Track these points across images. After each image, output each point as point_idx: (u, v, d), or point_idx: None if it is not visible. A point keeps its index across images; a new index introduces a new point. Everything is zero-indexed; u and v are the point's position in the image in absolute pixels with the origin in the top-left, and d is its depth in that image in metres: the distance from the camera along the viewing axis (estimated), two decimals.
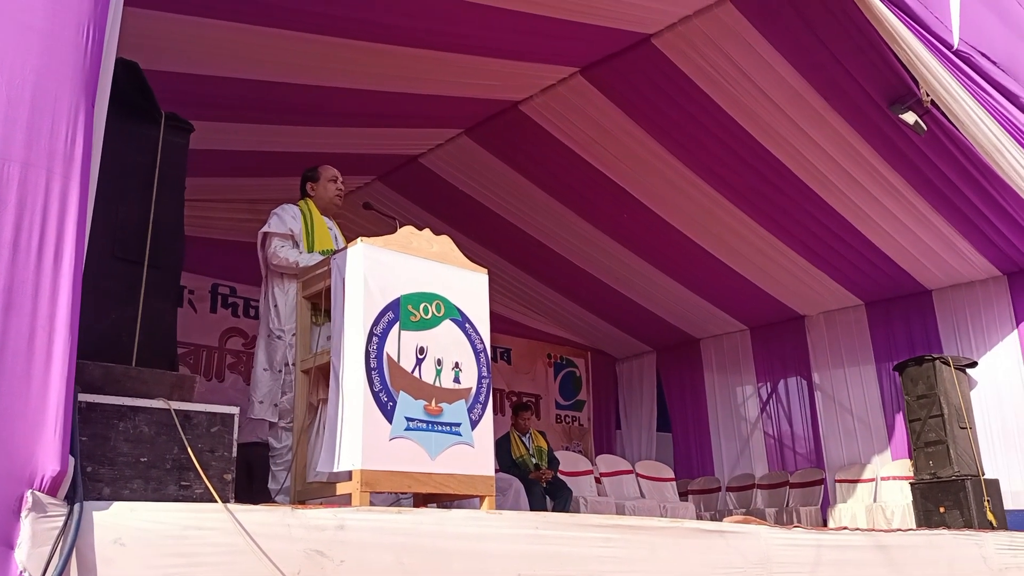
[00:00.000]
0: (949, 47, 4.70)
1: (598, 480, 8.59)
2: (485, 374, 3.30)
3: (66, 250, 1.93)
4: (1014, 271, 7.91)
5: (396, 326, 3.06)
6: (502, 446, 7.03)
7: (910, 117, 5.75)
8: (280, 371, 4.30)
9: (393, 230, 3.35)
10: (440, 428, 3.08)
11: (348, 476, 2.88)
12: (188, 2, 4.45)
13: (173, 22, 4.53)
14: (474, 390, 3.24)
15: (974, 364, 7.80)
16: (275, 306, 4.39)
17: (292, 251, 4.33)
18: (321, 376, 3.44)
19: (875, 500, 8.20)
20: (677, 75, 5.89)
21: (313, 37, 4.98)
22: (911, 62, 4.65)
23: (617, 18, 5.32)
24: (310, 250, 4.33)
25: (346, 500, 2.85)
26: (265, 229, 4.41)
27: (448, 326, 3.24)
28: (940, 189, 6.67)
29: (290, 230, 4.38)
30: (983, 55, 4.85)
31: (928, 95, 5.15)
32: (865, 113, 6.03)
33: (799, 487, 8.82)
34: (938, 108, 5.16)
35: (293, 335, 4.16)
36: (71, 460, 1.87)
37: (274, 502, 3.94)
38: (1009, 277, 7.96)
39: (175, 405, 2.37)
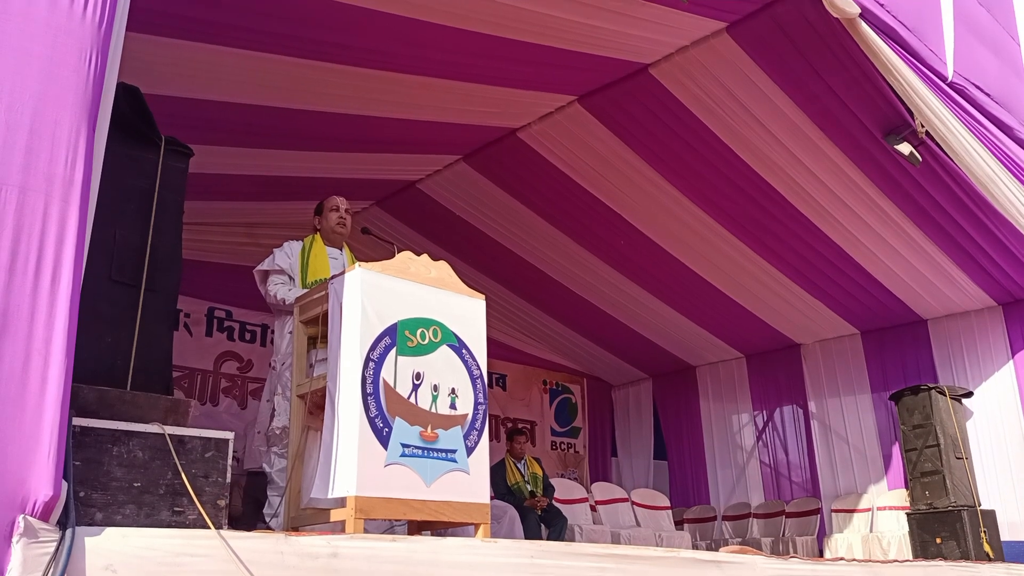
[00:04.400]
0: (943, 79, 4.75)
1: (593, 508, 8.53)
2: (481, 400, 3.29)
3: (63, 273, 1.93)
4: (1009, 301, 7.93)
5: (393, 351, 3.05)
6: (497, 473, 6.99)
7: (905, 148, 5.79)
8: (269, 400, 4.38)
9: (391, 255, 3.35)
10: (436, 455, 3.06)
11: (342, 502, 2.86)
12: (189, 28, 4.49)
13: (174, 47, 4.57)
14: (470, 416, 3.22)
15: (970, 394, 7.78)
16: (274, 339, 4.55)
17: (282, 288, 4.45)
18: (315, 401, 3.42)
19: (871, 530, 8.15)
20: (674, 104, 5.94)
21: (312, 63, 5.01)
22: (906, 93, 4.69)
23: (615, 47, 5.36)
24: (303, 282, 4.40)
25: (340, 527, 2.83)
26: (257, 267, 4.55)
27: (445, 352, 3.22)
28: (935, 219, 6.70)
29: (278, 266, 4.48)
30: (977, 87, 4.91)
31: (923, 126, 5.19)
32: (861, 143, 6.07)
33: (795, 516, 8.77)
34: (933, 139, 5.20)
35: (283, 364, 4.33)
36: (64, 485, 1.85)
37: (268, 527, 3.92)
38: (1004, 307, 7.97)
39: (169, 430, 2.35)
